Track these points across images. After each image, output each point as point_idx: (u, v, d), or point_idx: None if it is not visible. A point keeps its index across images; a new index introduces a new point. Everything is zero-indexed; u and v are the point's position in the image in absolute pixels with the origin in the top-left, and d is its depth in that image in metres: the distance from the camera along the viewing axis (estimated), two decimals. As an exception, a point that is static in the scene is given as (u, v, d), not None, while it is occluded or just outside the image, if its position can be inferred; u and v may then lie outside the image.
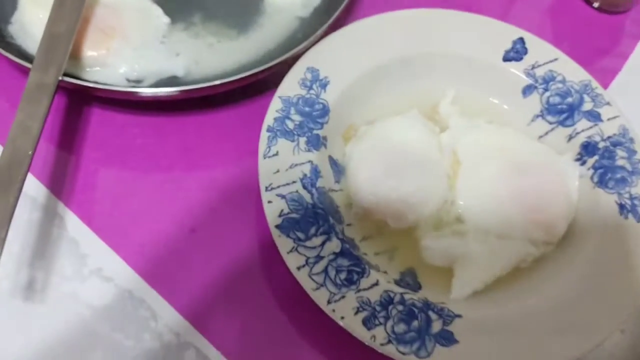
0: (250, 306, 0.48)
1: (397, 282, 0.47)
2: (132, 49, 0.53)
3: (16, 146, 0.43)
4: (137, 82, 0.52)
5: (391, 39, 0.55)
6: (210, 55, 0.55)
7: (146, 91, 0.50)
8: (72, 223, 0.50)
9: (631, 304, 0.44)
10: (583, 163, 0.52)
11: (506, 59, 0.55)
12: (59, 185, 0.51)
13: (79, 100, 0.55)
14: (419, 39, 0.55)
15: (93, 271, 0.48)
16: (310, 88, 0.51)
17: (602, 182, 0.50)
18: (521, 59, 0.55)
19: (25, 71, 0.48)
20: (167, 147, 0.54)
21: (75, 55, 0.51)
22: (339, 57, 0.53)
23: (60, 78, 0.47)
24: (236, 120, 0.56)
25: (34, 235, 0.49)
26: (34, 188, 0.50)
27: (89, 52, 0.51)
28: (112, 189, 0.51)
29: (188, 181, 0.53)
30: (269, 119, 0.49)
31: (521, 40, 0.56)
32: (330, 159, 0.51)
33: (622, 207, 0.49)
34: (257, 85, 0.54)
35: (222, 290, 0.48)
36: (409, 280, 0.48)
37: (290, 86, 0.51)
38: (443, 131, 0.54)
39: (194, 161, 0.53)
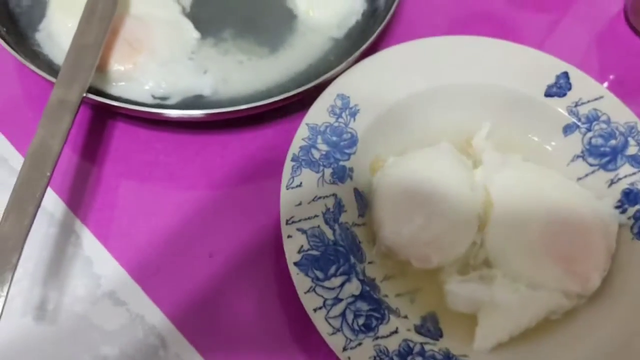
0: (266, 340, 0.46)
1: (418, 328, 0.44)
2: (160, 64, 0.51)
3: (34, 165, 0.42)
4: (163, 99, 0.51)
5: (426, 67, 0.52)
6: (239, 73, 0.53)
7: (172, 113, 0.48)
8: (88, 241, 0.49)
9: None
10: (623, 211, 0.49)
11: (548, 94, 0.52)
12: (78, 200, 0.50)
13: (103, 113, 0.54)
14: (455, 68, 0.53)
15: (106, 293, 0.47)
16: (340, 116, 0.49)
17: (643, 234, 0.47)
18: (564, 94, 0.52)
19: (50, 82, 0.47)
20: (189, 166, 0.52)
21: (101, 69, 0.50)
22: (371, 84, 0.51)
23: (84, 95, 0.45)
24: (262, 142, 0.54)
25: (49, 252, 0.48)
26: (52, 203, 0.50)
27: (115, 66, 0.50)
28: (130, 207, 0.50)
29: (208, 202, 0.51)
30: (295, 147, 0.47)
31: (565, 74, 0.53)
32: (356, 191, 0.49)
33: (663, 263, 0.46)
34: (285, 107, 0.52)
35: (237, 321, 0.47)
36: (430, 326, 0.45)
37: (318, 113, 0.49)
38: (476, 166, 0.51)
39: (215, 183, 0.52)
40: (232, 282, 0.48)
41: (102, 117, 0.54)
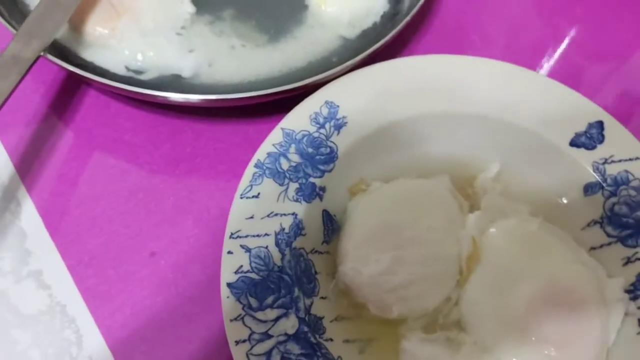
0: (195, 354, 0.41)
1: (358, 385, 0.38)
2: (141, 34, 0.47)
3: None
4: (137, 72, 0.46)
5: (437, 87, 0.45)
6: (229, 59, 0.48)
7: (143, 91, 0.43)
8: (28, 213, 0.45)
9: None
10: (635, 298, 0.41)
11: (575, 143, 0.44)
12: (28, 166, 0.46)
13: (76, 78, 0.49)
14: (470, 94, 0.45)
15: (32, 273, 0.43)
16: (322, 126, 0.43)
17: (652, 330, 0.39)
18: (594, 147, 0.44)
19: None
20: (155, 151, 0.48)
21: (76, 28, 0.46)
22: (368, 96, 0.44)
23: (41, 54, 0.41)
24: (239, 138, 0.49)
25: (-16, 215, 0.44)
26: (1, 163, 0.46)
27: (91, 28, 0.46)
28: (81, 184, 0.46)
29: (166, 195, 0.46)
30: (262, 152, 0.41)
31: (599, 124, 0.44)
32: (325, 213, 0.43)
33: (670, 371, 0.38)
34: (272, 104, 0.46)
35: (166, 330, 0.42)
36: (375, 384, 0.39)
37: (298, 118, 0.43)
38: (472, 211, 0.44)
39: (179, 175, 0.47)
40: (169, 287, 0.43)
41: (76, 82, 0.49)
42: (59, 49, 0.43)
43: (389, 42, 0.46)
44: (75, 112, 0.48)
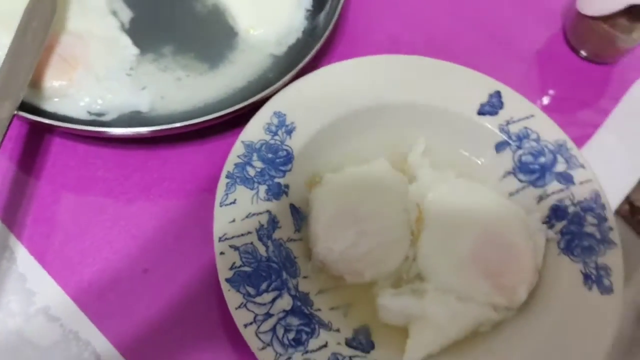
0: (204, 353, 0.47)
1: (350, 341, 0.45)
2: (96, 80, 0.51)
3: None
4: (100, 115, 0.51)
5: (364, 85, 0.53)
6: (177, 90, 0.54)
7: (111, 131, 0.48)
8: (22, 257, 0.48)
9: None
10: (551, 226, 0.50)
11: (481, 112, 0.54)
12: (12, 216, 0.50)
13: (40, 129, 0.53)
14: (392, 86, 0.54)
15: (40, 309, 0.47)
16: (275, 134, 0.50)
17: (568, 249, 0.49)
18: (496, 113, 0.54)
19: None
20: (127, 182, 0.52)
21: (36, 85, 0.50)
22: (307, 102, 0.52)
23: (15, 112, 0.45)
24: (201, 157, 0.54)
25: (-19, 267, 0.48)
26: (-14, 218, 0.49)
27: (51, 82, 0.50)
28: (66, 223, 0.50)
29: (145, 218, 0.51)
30: (230, 164, 0.48)
31: (498, 94, 0.54)
32: (292, 207, 0.50)
33: (586, 277, 0.47)
34: (224, 122, 0.53)
35: (173, 335, 0.47)
36: (362, 338, 0.46)
37: (254, 131, 0.49)
38: (411, 183, 0.52)
39: (153, 198, 0.52)
40: (166, 297, 0.48)
41: (38, 132, 0.53)
42: (23, 106, 0.47)
43: (314, 54, 0.54)
44: (45, 160, 0.52)
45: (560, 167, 0.52)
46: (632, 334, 1.14)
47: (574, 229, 0.50)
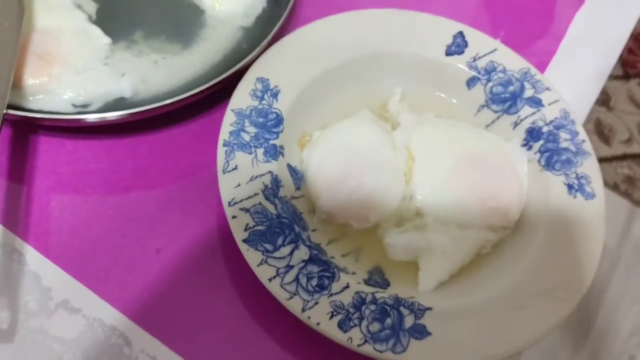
0: (224, 321, 0.48)
1: (366, 282, 0.48)
2: (75, 73, 0.52)
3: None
4: (84, 106, 0.51)
5: (336, 43, 0.56)
6: (157, 72, 0.54)
7: (93, 117, 0.49)
8: (32, 257, 0.48)
9: (583, 282, 0.47)
10: (529, 148, 0.54)
11: (449, 53, 0.57)
12: (13, 219, 0.50)
13: (24, 130, 0.53)
14: (363, 41, 0.56)
15: (59, 304, 0.47)
16: (262, 98, 0.51)
17: (549, 165, 0.53)
18: (462, 52, 0.57)
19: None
20: (122, 169, 0.53)
21: (16, 85, 0.50)
22: (287, 65, 0.53)
23: (4, 111, 0.45)
24: (188, 136, 0.55)
25: (-8, 274, 0.47)
26: (-14, 225, 0.49)
27: (30, 81, 0.50)
28: (68, 217, 0.50)
29: (147, 202, 0.52)
30: (224, 133, 0.49)
31: (461, 34, 0.57)
32: (289, 166, 0.51)
33: (570, 187, 0.51)
34: (206, 99, 0.54)
35: (194, 308, 0.48)
36: (377, 278, 0.49)
37: (242, 98, 0.51)
38: (395, 128, 0.55)
39: (150, 181, 0.53)
40: (183, 272, 0.49)
41: (24, 134, 0.53)
42: (9, 107, 0.47)
43: (284, 20, 0.56)
44: (35, 160, 0.52)
45: (528, 92, 0.56)
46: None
47: (550, 146, 0.53)
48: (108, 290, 0.48)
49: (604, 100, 1.57)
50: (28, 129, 0.53)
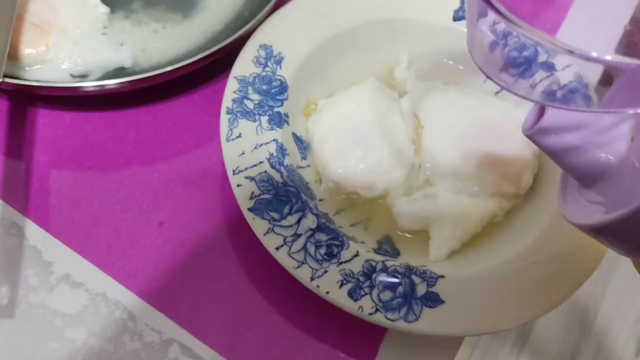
0: (229, 294, 0.47)
1: (376, 251, 0.46)
2: (73, 42, 0.50)
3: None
4: (83, 76, 0.50)
5: (341, 9, 0.54)
6: (157, 42, 0.53)
7: (91, 85, 0.47)
8: (32, 231, 0.47)
9: (598, 248, 0.45)
10: (541, 114, 0.52)
11: (456, 18, 0.55)
12: (12, 193, 0.48)
13: (22, 102, 0.52)
14: (368, 7, 0.55)
15: (60, 278, 0.46)
16: (266, 65, 0.50)
17: (562, 131, 0.51)
18: (470, 17, 0.55)
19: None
20: (122, 142, 0.52)
21: (13, 55, 0.48)
22: (290, 32, 0.52)
23: (0, 80, 0.44)
24: (191, 107, 0.54)
25: (-9, 248, 0.46)
26: (-16, 200, 0.48)
27: (27, 50, 0.48)
28: (68, 191, 0.49)
29: (149, 174, 0.51)
30: (227, 100, 0.48)
31: (468, -2, 0.56)
32: (294, 135, 0.50)
33: (584, 152, 0.50)
34: (208, 69, 0.52)
35: (199, 281, 0.47)
36: (387, 247, 0.47)
37: (244, 65, 0.49)
38: (402, 96, 0.53)
39: (152, 153, 0.51)
40: (187, 245, 0.48)
41: (21, 106, 0.52)
42: (6, 77, 0.45)
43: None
44: (33, 133, 0.51)
45: (542, 57, 0.54)
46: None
47: (564, 111, 0.52)
48: (111, 264, 0.47)
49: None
50: (26, 101, 0.52)
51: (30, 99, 0.52)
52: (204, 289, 0.47)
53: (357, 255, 0.43)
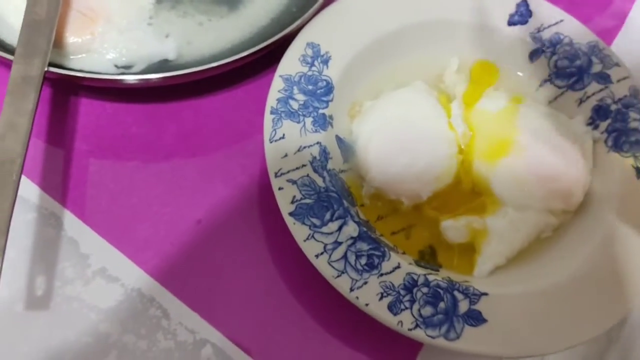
0: (265, 297, 0.46)
1: (417, 263, 0.45)
2: (118, 32, 0.49)
3: (6, 146, 0.40)
4: (127, 67, 0.49)
5: (392, 9, 0.52)
6: (202, 34, 0.52)
7: (135, 78, 0.46)
8: (70, 222, 0.47)
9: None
10: (596, 127, 0.50)
11: (511, 22, 0.53)
12: (52, 183, 0.48)
13: (65, 91, 0.51)
14: (420, 7, 0.53)
15: (97, 272, 0.46)
16: (312, 65, 0.48)
17: (616, 146, 0.49)
18: (526, 22, 0.53)
19: (7, 64, 0.44)
20: (164, 134, 0.51)
21: (58, 43, 0.48)
22: (339, 31, 0.50)
23: (46, 69, 0.43)
24: (234, 103, 0.53)
25: (30, 238, 0.46)
26: (25, 188, 0.47)
27: (72, 39, 0.48)
28: (108, 183, 0.49)
29: (188, 169, 0.50)
30: (272, 100, 0.46)
31: (525, 3, 0.54)
32: (337, 138, 0.49)
33: (639, 170, 0.47)
34: (253, 64, 0.51)
35: (234, 283, 0.46)
36: (429, 258, 0.46)
37: (290, 64, 0.48)
38: (450, 101, 0.51)
39: (192, 148, 0.51)
40: (224, 245, 0.47)
41: (64, 95, 0.51)
42: (50, 66, 0.45)
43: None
44: (75, 122, 0.50)
45: (596, 67, 0.52)
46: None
47: (619, 126, 0.49)
48: (147, 260, 0.46)
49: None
50: (69, 90, 0.51)
51: (74, 87, 0.51)
52: (239, 291, 0.46)
53: (398, 267, 0.42)
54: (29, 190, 0.47)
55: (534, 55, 0.53)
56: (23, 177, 0.47)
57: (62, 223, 0.47)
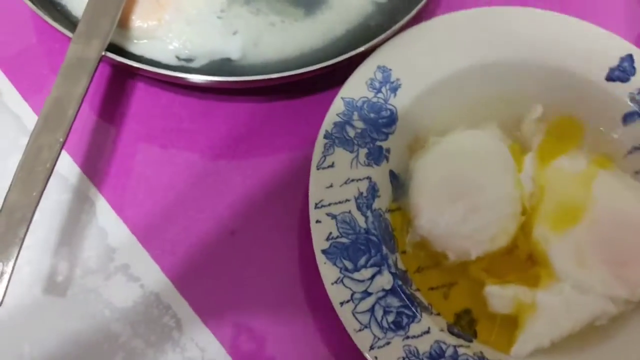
0: (289, 329, 0.44)
1: (450, 327, 0.41)
2: (186, 22, 0.47)
3: (48, 127, 0.39)
4: (188, 60, 0.47)
5: (477, 40, 0.47)
6: (271, 36, 0.49)
7: (194, 77, 0.44)
8: (103, 211, 0.46)
9: None
10: (684, 212, 0.44)
11: (610, 78, 0.47)
12: (93, 166, 0.47)
13: (124, 72, 0.50)
14: (509, 42, 0.48)
15: (119, 267, 0.44)
16: (379, 91, 0.45)
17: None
18: (628, 79, 0.47)
19: (68, 36, 0.43)
20: (214, 134, 0.49)
21: (123, 24, 0.46)
22: (414, 57, 0.46)
23: (103, 53, 0.42)
24: (290, 113, 0.50)
25: (61, 219, 0.45)
26: (66, 166, 0.46)
27: (138, 22, 0.46)
28: (149, 176, 0.47)
29: (233, 175, 0.48)
30: (328, 123, 0.43)
31: (630, 57, 0.47)
32: (391, 173, 0.45)
33: None
34: (318, 76, 0.48)
35: (257, 307, 0.44)
36: (464, 324, 0.42)
37: (356, 86, 0.45)
38: (524, 152, 0.47)
39: (241, 154, 0.48)
40: (255, 264, 0.45)
41: (122, 76, 0.50)
42: (111, 47, 0.43)
43: (424, 4, 0.48)
44: (127, 107, 0.49)
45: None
46: None
47: None
48: (172, 265, 0.44)
49: None
50: (127, 73, 0.50)
51: (132, 72, 0.50)
52: (260, 316, 0.44)
53: (427, 332, 0.39)
54: (70, 170, 0.46)
55: (628, 117, 0.47)
56: (65, 155, 0.47)
57: (95, 210, 0.46)
